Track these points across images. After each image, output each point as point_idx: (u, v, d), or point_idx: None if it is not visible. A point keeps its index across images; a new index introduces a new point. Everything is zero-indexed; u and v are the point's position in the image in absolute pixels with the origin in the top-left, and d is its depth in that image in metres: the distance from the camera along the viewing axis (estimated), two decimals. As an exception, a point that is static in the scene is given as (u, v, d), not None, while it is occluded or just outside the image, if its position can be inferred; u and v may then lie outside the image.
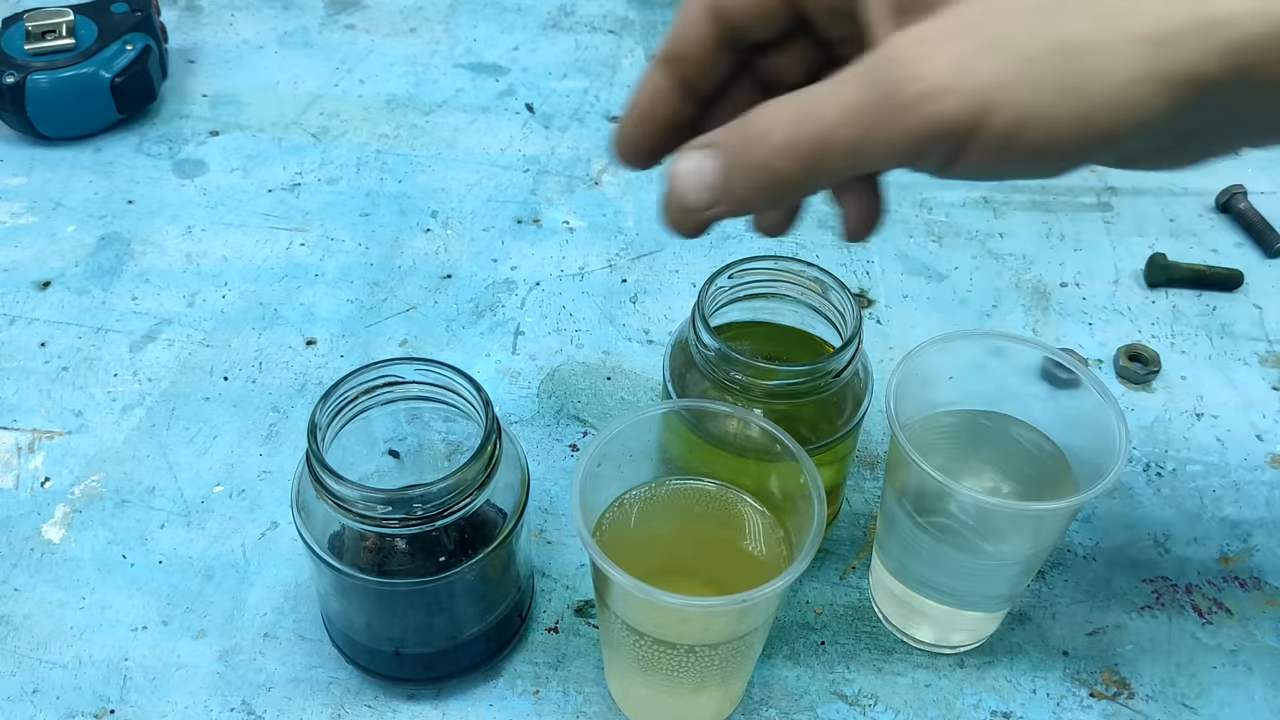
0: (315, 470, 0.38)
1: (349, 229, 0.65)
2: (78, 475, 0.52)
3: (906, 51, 0.27)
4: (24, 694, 0.44)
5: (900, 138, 0.27)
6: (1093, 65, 0.26)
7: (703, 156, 0.31)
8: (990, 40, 0.27)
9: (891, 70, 0.27)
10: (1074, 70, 0.26)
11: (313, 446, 0.38)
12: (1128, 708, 0.46)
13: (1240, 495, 0.53)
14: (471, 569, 0.40)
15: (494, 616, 0.44)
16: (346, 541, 0.40)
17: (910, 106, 0.27)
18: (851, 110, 0.28)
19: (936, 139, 0.27)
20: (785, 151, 0.29)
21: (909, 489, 0.42)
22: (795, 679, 0.46)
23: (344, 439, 0.41)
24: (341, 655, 0.45)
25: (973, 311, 0.61)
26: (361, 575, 0.39)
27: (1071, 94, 0.26)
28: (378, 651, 0.44)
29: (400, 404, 0.42)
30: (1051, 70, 0.26)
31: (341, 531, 0.40)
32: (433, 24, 0.81)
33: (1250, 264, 0.64)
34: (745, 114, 0.30)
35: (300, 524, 0.40)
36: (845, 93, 0.28)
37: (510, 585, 0.44)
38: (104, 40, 0.68)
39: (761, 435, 0.40)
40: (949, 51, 0.27)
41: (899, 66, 0.27)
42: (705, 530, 0.43)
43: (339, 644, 0.45)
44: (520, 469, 0.42)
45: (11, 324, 0.59)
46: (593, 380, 0.57)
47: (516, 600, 0.45)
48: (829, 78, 0.29)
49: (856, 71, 0.28)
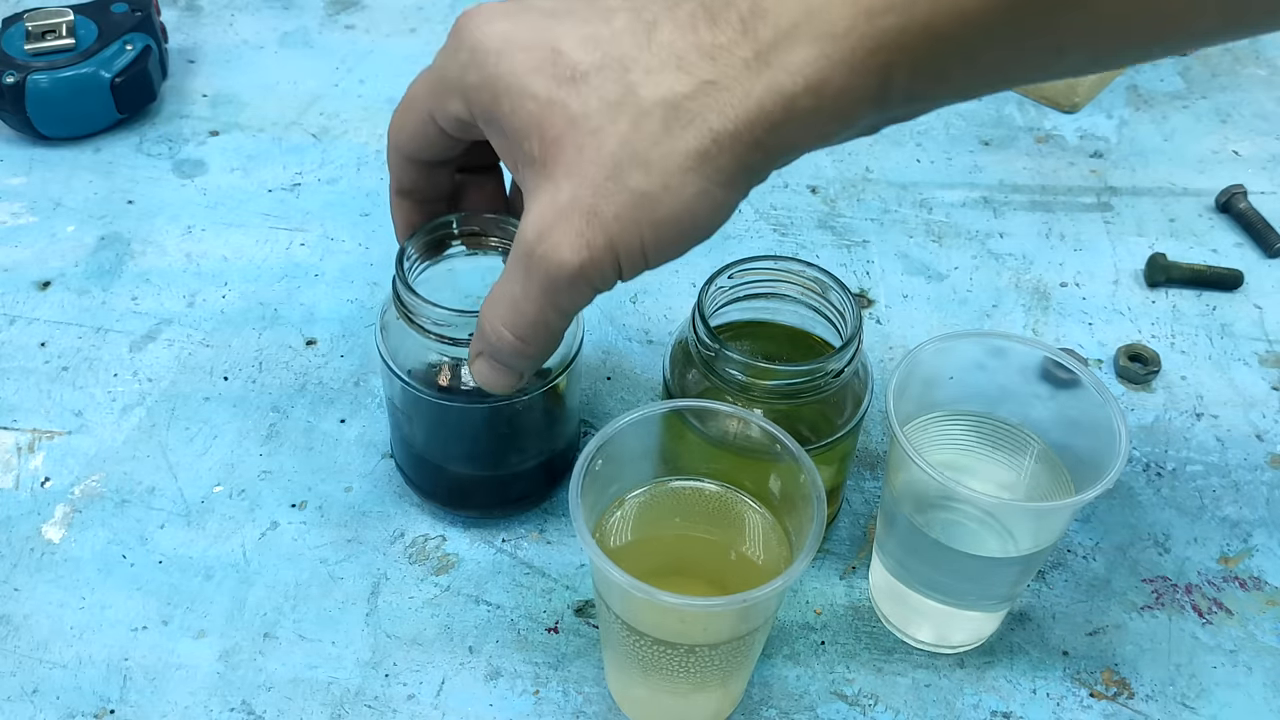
0: (398, 292, 0.44)
1: (349, 229, 0.65)
2: (78, 475, 0.52)
3: (541, 246, 0.36)
4: (24, 694, 0.44)
5: (580, 295, 0.37)
6: (667, 200, 0.34)
7: (481, 364, 0.40)
8: (587, 212, 0.35)
9: (542, 261, 0.36)
10: (656, 208, 0.34)
11: (400, 272, 0.44)
12: (1128, 708, 0.46)
13: (1240, 495, 0.53)
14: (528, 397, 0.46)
15: (546, 450, 0.49)
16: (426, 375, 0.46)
17: (572, 281, 0.36)
18: (537, 296, 0.37)
19: (600, 284, 0.36)
20: (518, 341, 0.38)
21: (909, 489, 0.42)
22: (795, 679, 0.46)
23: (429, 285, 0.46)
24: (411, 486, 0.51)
25: (973, 311, 0.61)
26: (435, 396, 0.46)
27: (663, 223, 0.35)
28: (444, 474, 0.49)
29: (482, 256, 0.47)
30: (641, 216, 0.34)
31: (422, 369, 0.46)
32: (433, 24, 0.81)
33: (1250, 264, 0.64)
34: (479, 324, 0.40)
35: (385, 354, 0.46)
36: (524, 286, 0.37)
37: (561, 426, 0.50)
38: (104, 40, 0.68)
39: (761, 435, 0.40)
40: (569, 236, 0.35)
41: (545, 259, 0.36)
42: (705, 530, 0.43)
43: (409, 475, 0.51)
44: (576, 324, 0.46)
45: (11, 324, 0.59)
46: (593, 380, 0.57)
47: (567, 443, 0.51)
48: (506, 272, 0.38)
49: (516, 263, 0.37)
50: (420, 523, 0.51)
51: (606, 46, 0.35)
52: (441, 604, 0.48)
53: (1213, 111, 0.76)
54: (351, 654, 0.46)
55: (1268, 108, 0.76)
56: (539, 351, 0.39)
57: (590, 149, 0.35)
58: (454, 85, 0.38)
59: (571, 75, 0.35)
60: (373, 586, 0.48)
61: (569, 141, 0.35)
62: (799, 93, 0.33)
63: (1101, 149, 0.72)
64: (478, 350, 0.40)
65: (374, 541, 0.50)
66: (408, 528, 0.51)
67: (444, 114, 0.39)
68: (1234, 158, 0.72)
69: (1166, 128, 0.74)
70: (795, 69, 0.33)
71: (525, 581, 0.49)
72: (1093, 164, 0.71)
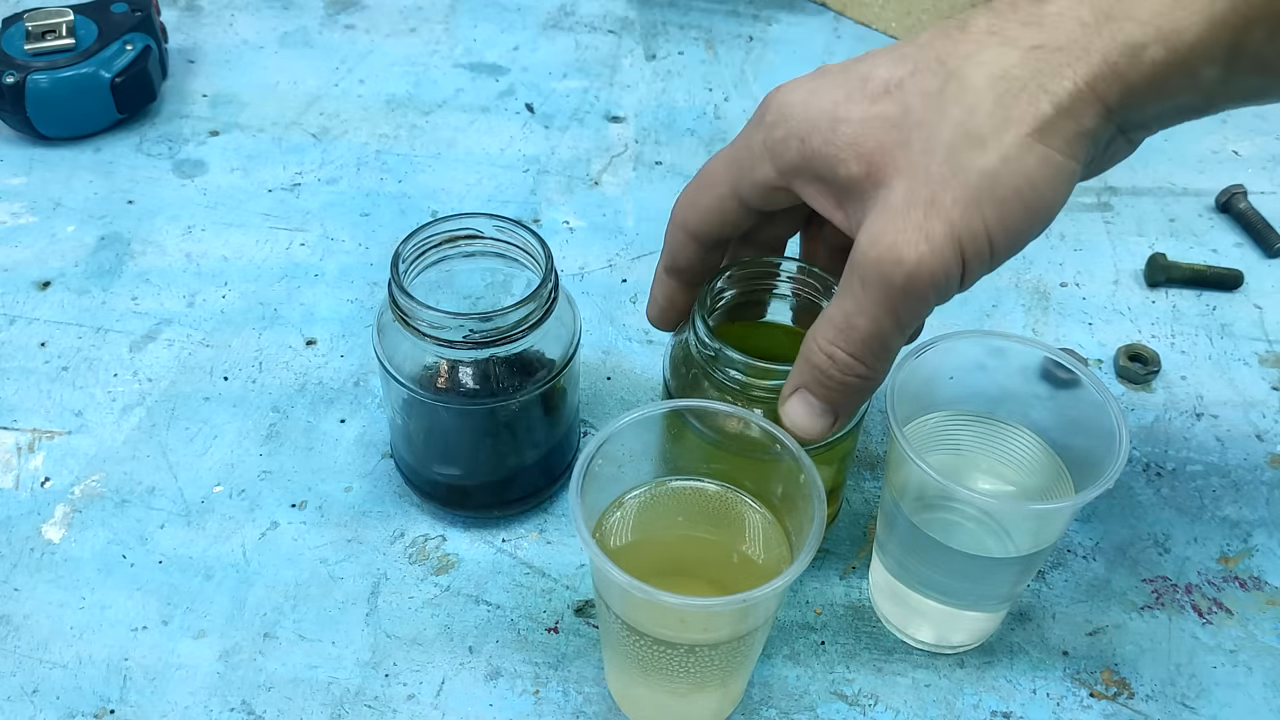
0: (394, 295, 0.43)
1: (349, 229, 0.65)
2: (78, 475, 0.52)
3: (875, 250, 0.33)
4: (24, 694, 0.45)
5: (920, 300, 0.34)
6: (1008, 174, 0.32)
7: (795, 403, 0.38)
8: (925, 205, 0.32)
9: (877, 265, 0.33)
10: (997, 184, 0.32)
11: (395, 276, 0.44)
12: (1128, 708, 0.46)
13: (1240, 495, 0.53)
14: (526, 398, 0.46)
15: (546, 450, 0.49)
16: (422, 377, 0.46)
17: (910, 280, 0.33)
18: (872, 307, 0.34)
19: (943, 282, 0.33)
20: (851, 360, 0.35)
21: (909, 489, 0.42)
22: (795, 679, 0.46)
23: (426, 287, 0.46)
24: (411, 487, 0.51)
25: (973, 311, 0.61)
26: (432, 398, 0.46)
27: (1007, 200, 0.32)
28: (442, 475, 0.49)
29: (478, 258, 0.47)
30: (983, 196, 0.32)
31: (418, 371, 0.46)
32: (433, 24, 0.81)
33: (1250, 264, 0.64)
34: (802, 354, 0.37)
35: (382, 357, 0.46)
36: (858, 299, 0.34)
37: (558, 426, 0.49)
38: (104, 40, 0.68)
39: (761, 435, 0.40)
40: (907, 233, 0.32)
41: (880, 262, 0.33)
42: (705, 530, 0.43)
43: (409, 475, 0.50)
44: (573, 321, 0.47)
45: (11, 324, 0.59)
46: (593, 380, 0.57)
47: (563, 442, 0.50)
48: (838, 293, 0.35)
49: (848, 282, 0.34)
50: (420, 523, 0.51)
51: (917, 56, 0.33)
52: (441, 604, 0.48)
53: (1213, 111, 0.76)
54: (351, 654, 0.46)
55: (1268, 108, 0.76)
56: (871, 374, 0.36)
57: (919, 141, 0.33)
58: (759, 149, 0.37)
59: (885, 89, 0.33)
60: (373, 586, 0.48)
61: (894, 143, 0.33)
62: (1149, 42, 0.31)
63: (1101, 149, 0.72)
64: (796, 384, 0.38)
65: (374, 541, 0.50)
66: (408, 528, 0.51)
67: (750, 183, 0.38)
68: (1234, 158, 0.72)
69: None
70: (1146, 18, 0.31)
71: (525, 581, 0.49)
72: (1093, 164, 0.71)
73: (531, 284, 0.45)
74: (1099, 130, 0.32)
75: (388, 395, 0.48)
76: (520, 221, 0.47)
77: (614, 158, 0.70)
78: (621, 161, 0.70)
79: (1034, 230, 0.34)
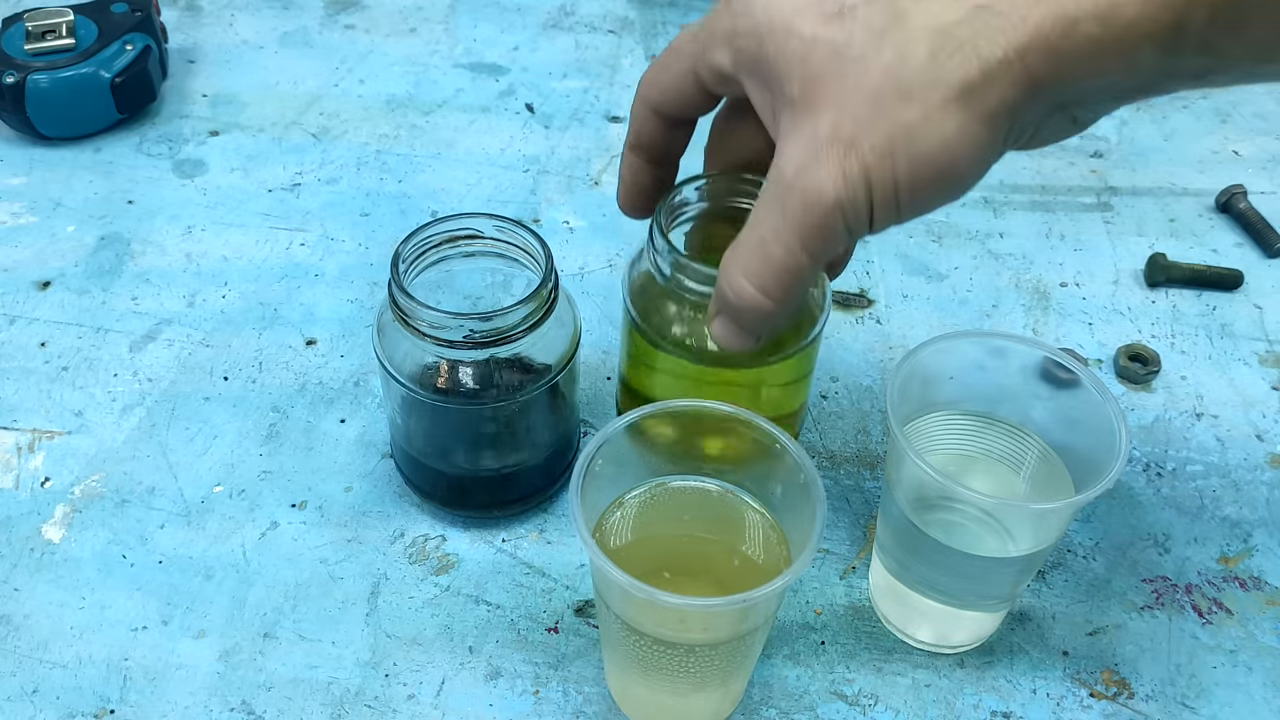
0: (394, 295, 0.43)
1: (349, 229, 0.65)
2: (78, 475, 0.52)
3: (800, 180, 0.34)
4: (24, 694, 0.45)
5: (832, 235, 0.35)
6: (926, 133, 0.32)
7: (719, 324, 0.39)
8: (846, 143, 0.33)
9: (800, 195, 0.34)
10: (914, 141, 0.33)
11: (395, 276, 0.44)
12: (1128, 708, 0.46)
13: (1240, 495, 0.53)
14: (526, 398, 0.46)
15: (546, 450, 0.49)
16: (422, 377, 0.46)
17: (827, 216, 0.34)
18: (789, 236, 0.35)
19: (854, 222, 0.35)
20: (758, 295, 0.37)
21: (909, 489, 0.42)
22: (795, 679, 0.46)
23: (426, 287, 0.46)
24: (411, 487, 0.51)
25: (973, 311, 0.61)
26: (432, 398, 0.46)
27: (919, 159, 0.33)
28: (443, 474, 0.49)
29: (478, 258, 0.47)
30: (898, 149, 0.33)
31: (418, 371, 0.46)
32: (433, 24, 0.81)
33: (1250, 264, 0.64)
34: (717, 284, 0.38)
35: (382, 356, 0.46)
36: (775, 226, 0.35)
37: (557, 426, 0.49)
38: (104, 40, 0.68)
39: (762, 435, 0.40)
40: (828, 167, 0.34)
41: (803, 192, 0.34)
42: (705, 530, 0.43)
43: (409, 475, 0.50)
44: (573, 322, 0.48)
45: (11, 324, 0.59)
46: (593, 380, 0.57)
47: (563, 442, 0.50)
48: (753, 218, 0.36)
49: (769, 204, 0.35)
50: (420, 523, 0.51)
51: None
52: (441, 604, 0.48)
53: (1213, 111, 0.76)
54: (351, 654, 0.46)
55: (1268, 108, 0.76)
56: (780, 306, 0.37)
57: (852, 78, 0.33)
58: (720, 35, 0.37)
59: (839, 10, 0.34)
60: (373, 586, 0.48)
61: (831, 73, 0.33)
62: (1083, 17, 0.31)
63: (1102, 149, 0.72)
64: (715, 310, 0.39)
65: (374, 541, 0.50)
66: (408, 528, 0.51)
67: (707, 65, 0.39)
68: (1234, 158, 0.72)
69: (1166, 128, 0.74)
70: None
71: (525, 581, 0.49)
72: (1093, 164, 0.71)
73: (531, 284, 0.45)
74: (1022, 103, 0.33)
75: (388, 395, 0.48)
76: (520, 221, 0.47)
77: (614, 158, 0.70)
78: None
79: (941, 196, 0.34)
